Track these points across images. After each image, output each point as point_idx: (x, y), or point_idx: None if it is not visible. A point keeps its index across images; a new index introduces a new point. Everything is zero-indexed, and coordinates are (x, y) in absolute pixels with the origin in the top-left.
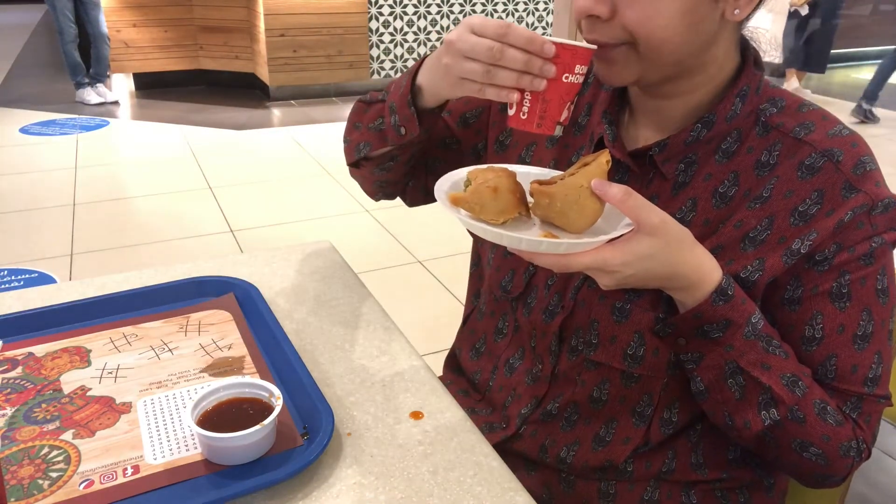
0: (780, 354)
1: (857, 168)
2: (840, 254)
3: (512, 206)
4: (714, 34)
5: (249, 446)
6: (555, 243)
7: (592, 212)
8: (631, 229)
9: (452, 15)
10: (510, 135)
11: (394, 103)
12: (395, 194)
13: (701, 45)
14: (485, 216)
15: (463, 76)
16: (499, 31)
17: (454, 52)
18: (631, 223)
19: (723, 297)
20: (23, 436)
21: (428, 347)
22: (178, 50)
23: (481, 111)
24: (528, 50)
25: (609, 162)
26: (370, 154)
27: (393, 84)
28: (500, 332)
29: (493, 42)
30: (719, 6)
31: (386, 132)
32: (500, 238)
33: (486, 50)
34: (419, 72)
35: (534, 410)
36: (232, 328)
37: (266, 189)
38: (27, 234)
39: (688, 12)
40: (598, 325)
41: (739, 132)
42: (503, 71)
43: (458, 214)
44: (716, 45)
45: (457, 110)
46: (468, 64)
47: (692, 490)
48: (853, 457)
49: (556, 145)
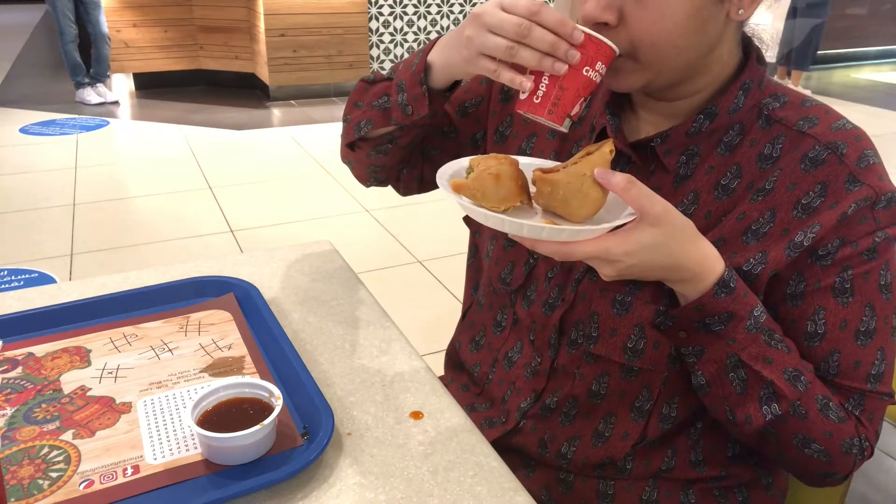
0: (783, 349)
1: (861, 161)
2: (843, 249)
3: (514, 193)
4: (719, 35)
5: (249, 446)
6: (557, 230)
7: (595, 201)
8: (633, 219)
9: (452, 15)
10: (510, 125)
11: (403, 81)
12: (387, 181)
13: (707, 47)
14: (486, 203)
15: (484, 51)
16: (531, 9)
17: (479, 24)
18: (633, 213)
19: (725, 290)
20: (23, 436)
21: (428, 347)
22: (178, 50)
23: (481, 100)
24: (557, 32)
25: (612, 151)
26: (370, 134)
27: (402, 63)
28: (499, 325)
29: (522, 19)
30: (724, 7)
31: (391, 111)
32: (502, 224)
33: (514, 26)
34: (432, 50)
35: (533, 404)
36: (232, 328)
37: (266, 189)
38: (27, 234)
39: (694, 15)
40: (599, 318)
41: (742, 125)
42: (527, 50)
43: (460, 200)
44: (719, 47)
45: (456, 99)
46: (492, 38)
47: (690, 489)
48: (856, 454)
49: (556, 137)
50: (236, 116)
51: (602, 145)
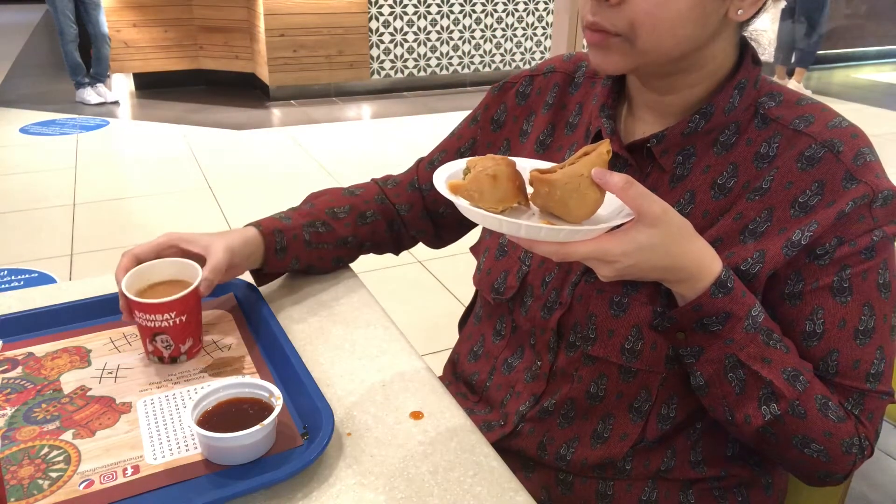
0: (781, 348)
1: (858, 159)
2: (841, 248)
3: (511, 194)
4: (715, 32)
5: (249, 446)
6: (554, 230)
7: (592, 201)
8: (631, 219)
9: (452, 15)
10: (507, 149)
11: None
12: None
13: (701, 41)
14: (483, 204)
15: None
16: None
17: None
18: (631, 213)
19: (722, 290)
20: (23, 436)
21: (428, 347)
22: (178, 50)
23: (473, 142)
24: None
25: (610, 152)
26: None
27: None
28: (499, 334)
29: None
30: (724, 4)
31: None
32: (500, 224)
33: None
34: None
35: (532, 408)
36: (232, 328)
37: (266, 189)
38: (27, 234)
39: (695, 6)
40: (596, 319)
41: (738, 125)
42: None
43: (458, 201)
44: (714, 43)
45: (452, 148)
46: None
47: (690, 489)
48: (855, 454)
49: (546, 149)
50: (236, 116)
51: (599, 146)
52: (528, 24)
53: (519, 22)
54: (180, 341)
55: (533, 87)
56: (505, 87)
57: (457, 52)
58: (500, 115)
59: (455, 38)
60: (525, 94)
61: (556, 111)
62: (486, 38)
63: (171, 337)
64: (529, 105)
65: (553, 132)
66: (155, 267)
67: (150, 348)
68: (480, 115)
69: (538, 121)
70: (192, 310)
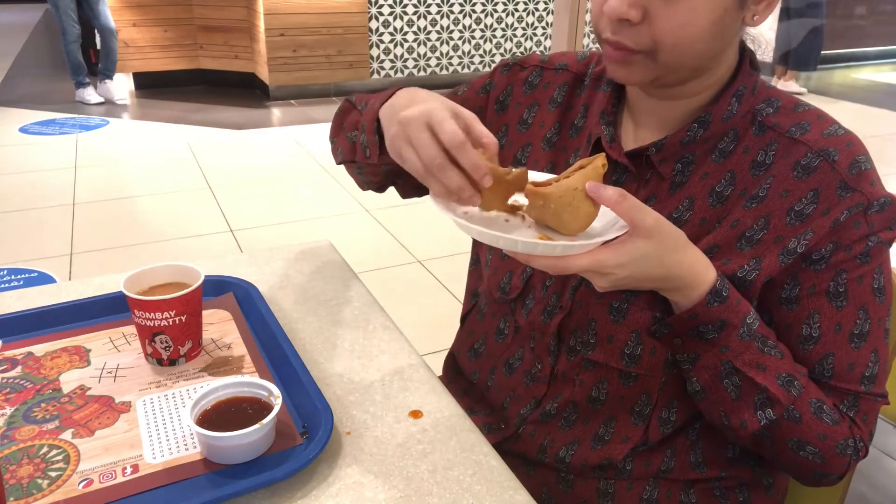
0: (776, 354)
1: (853, 168)
2: (837, 253)
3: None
4: (731, 40)
5: (249, 445)
6: (550, 245)
7: (587, 214)
8: (625, 231)
9: (452, 15)
10: (505, 135)
11: (364, 123)
12: (383, 189)
13: (719, 51)
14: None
15: (402, 157)
16: (452, 142)
17: (402, 134)
18: (625, 225)
19: (717, 298)
20: (22, 435)
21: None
22: (178, 50)
23: (478, 110)
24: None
25: (605, 165)
26: (345, 160)
27: (372, 98)
28: (501, 333)
29: (437, 153)
30: (741, 13)
31: (356, 147)
32: (497, 241)
33: (429, 157)
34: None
35: (532, 411)
36: (231, 328)
37: (266, 189)
38: (27, 233)
39: (717, 21)
40: (596, 325)
41: (736, 132)
42: (434, 182)
43: (455, 217)
44: (729, 50)
45: None
46: (409, 151)
47: (691, 489)
48: (850, 455)
49: (551, 148)
50: (236, 116)
51: (595, 159)
52: (528, 24)
53: (519, 22)
54: (179, 342)
55: (542, 79)
56: (514, 69)
57: (457, 52)
58: (505, 97)
59: (455, 38)
60: (533, 85)
61: (563, 111)
62: (486, 38)
63: (171, 337)
64: (535, 96)
65: (560, 131)
66: (154, 270)
67: (149, 350)
68: (490, 89)
69: (543, 116)
70: (192, 310)
